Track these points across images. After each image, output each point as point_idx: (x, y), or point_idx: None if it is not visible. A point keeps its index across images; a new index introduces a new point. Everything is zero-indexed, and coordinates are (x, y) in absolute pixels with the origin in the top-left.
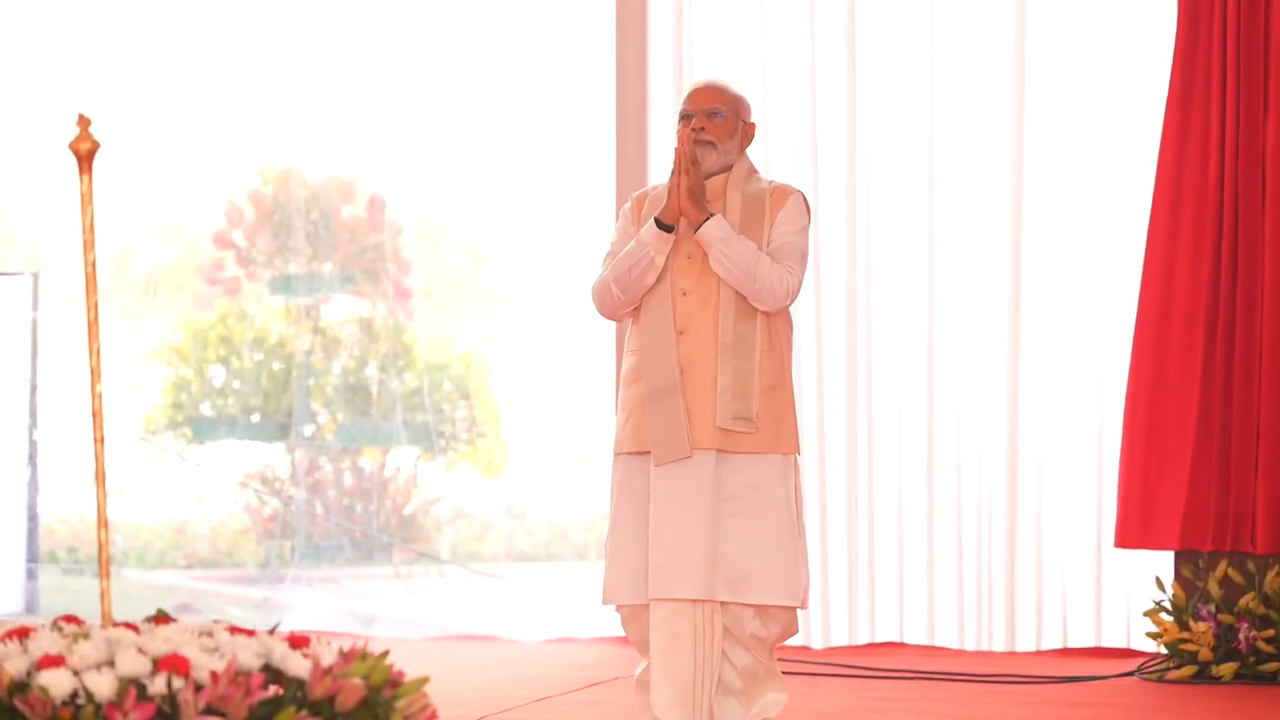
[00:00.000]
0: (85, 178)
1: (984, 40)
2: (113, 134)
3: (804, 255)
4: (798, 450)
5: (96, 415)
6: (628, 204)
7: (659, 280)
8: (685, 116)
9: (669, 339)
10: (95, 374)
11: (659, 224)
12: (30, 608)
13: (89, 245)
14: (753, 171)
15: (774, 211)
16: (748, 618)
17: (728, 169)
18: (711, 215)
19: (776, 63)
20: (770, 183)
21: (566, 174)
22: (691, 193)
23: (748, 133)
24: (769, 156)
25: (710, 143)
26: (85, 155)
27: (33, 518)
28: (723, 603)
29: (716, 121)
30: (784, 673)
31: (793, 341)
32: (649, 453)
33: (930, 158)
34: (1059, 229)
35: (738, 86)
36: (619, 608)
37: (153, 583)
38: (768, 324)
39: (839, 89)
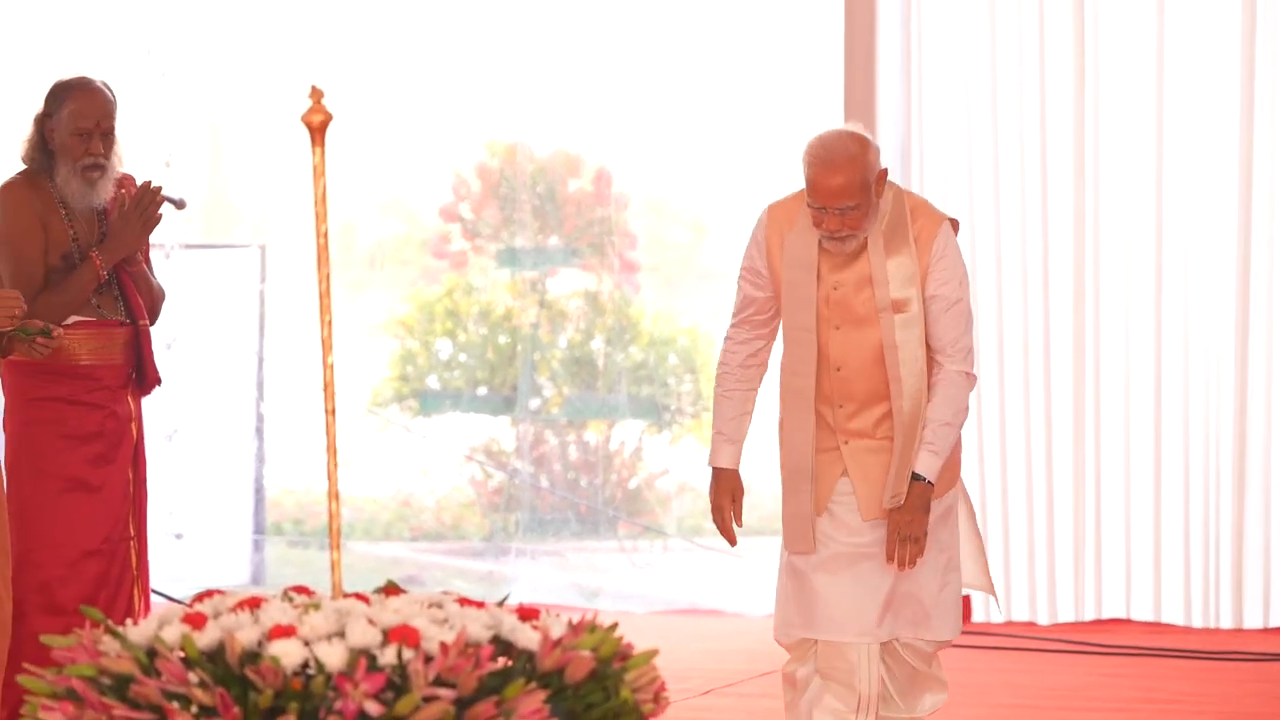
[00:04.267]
0: (317, 150)
1: (1214, 33)
2: (339, 109)
3: (969, 316)
4: (959, 482)
5: (328, 387)
6: (763, 215)
7: (804, 350)
8: (818, 210)
9: (808, 419)
10: (327, 346)
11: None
12: (256, 579)
13: (321, 217)
14: (893, 196)
15: (923, 254)
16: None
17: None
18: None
19: (1005, 47)
20: (906, 201)
21: (790, 152)
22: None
23: (880, 182)
24: (998, 149)
25: (850, 235)
26: (318, 128)
27: (259, 490)
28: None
29: (851, 215)
30: (1011, 649)
31: None
32: None
33: (1159, 148)
34: None
35: (858, 147)
36: None
37: (378, 555)
38: (926, 382)
39: (1068, 80)
